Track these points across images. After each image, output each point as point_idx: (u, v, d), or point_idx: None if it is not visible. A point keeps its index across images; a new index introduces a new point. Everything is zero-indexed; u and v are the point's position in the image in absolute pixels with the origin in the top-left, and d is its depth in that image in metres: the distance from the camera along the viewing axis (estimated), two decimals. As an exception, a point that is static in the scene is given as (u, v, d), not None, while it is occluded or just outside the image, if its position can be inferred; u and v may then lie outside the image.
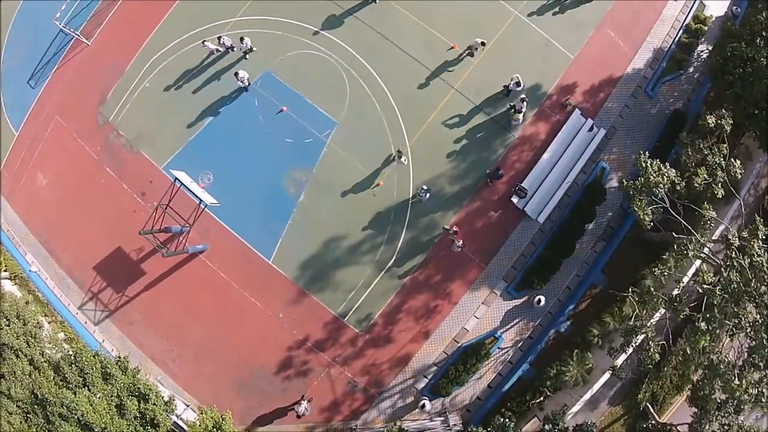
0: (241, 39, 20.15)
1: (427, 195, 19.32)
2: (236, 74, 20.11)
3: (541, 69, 20.99)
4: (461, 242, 19.08)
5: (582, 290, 20.30)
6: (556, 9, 21.78)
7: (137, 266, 21.02)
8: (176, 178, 17.60)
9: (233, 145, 20.50)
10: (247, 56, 20.74)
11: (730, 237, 15.94)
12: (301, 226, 19.89)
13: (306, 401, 19.38)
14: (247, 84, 20.27)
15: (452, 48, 20.84)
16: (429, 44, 20.83)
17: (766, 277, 15.26)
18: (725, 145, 17.52)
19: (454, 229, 19.33)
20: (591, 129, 20.55)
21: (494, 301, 20.04)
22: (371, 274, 19.75)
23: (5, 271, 22.66)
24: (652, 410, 20.88)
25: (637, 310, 18.14)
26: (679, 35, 22.64)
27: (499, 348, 20.07)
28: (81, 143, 22.07)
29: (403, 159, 19.54)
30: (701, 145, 17.48)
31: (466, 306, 19.95)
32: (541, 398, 19.44)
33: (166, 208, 18.31)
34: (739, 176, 17.36)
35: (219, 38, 20.27)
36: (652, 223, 16.97)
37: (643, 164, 16.40)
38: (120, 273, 21.19)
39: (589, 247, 20.58)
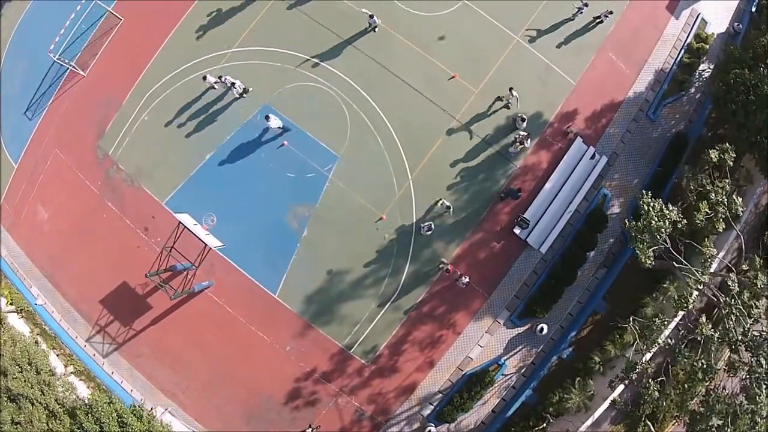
0: (233, 84, 19.93)
1: (430, 231, 19.40)
2: (267, 118, 19.81)
3: (543, 96, 20.85)
4: (467, 278, 19.27)
5: (584, 317, 20.62)
6: (557, 32, 21.53)
7: (143, 301, 21.17)
8: (180, 222, 17.62)
9: (235, 181, 20.43)
10: (245, 95, 20.48)
11: (729, 283, 16.10)
12: (306, 260, 20.01)
13: (312, 430, 19.85)
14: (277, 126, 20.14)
15: (453, 77, 20.64)
16: (429, 74, 20.61)
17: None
18: (728, 180, 17.60)
19: (448, 266, 19.48)
20: (593, 157, 20.55)
21: (498, 329, 20.35)
22: (376, 307, 19.98)
23: (11, 304, 22.83)
24: (652, 429, 21.50)
25: (638, 341, 18.62)
26: (680, 55, 22.49)
27: (502, 374, 20.48)
28: (81, 177, 21.96)
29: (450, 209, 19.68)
30: (703, 181, 17.56)
31: (470, 335, 20.26)
32: (544, 424, 19.93)
33: (171, 251, 18.38)
34: (741, 214, 17.46)
35: (221, 77, 20.00)
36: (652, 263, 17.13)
37: (646, 207, 16.49)
38: (126, 307, 21.35)
39: (591, 273, 20.82)
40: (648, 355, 18.18)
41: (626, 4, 22.36)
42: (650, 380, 17.08)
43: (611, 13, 21.26)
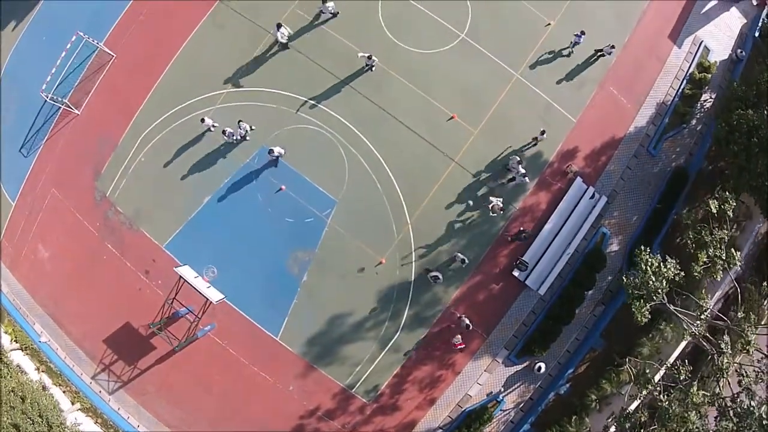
0: (238, 125, 19.70)
1: (438, 281, 19.48)
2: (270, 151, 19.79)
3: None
4: (468, 321, 19.47)
5: (581, 354, 20.95)
6: (558, 68, 21.18)
7: (146, 341, 21.42)
8: (181, 276, 17.71)
9: (234, 225, 20.40)
10: (247, 137, 20.26)
11: (722, 346, 16.24)
12: (306, 304, 20.18)
13: (318, 465, 20.45)
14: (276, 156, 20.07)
15: (452, 118, 20.40)
16: (428, 115, 20.36)
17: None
18: (726, 231, 17.60)
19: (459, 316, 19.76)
20: (592, 197, 20.50)
21: (496, 368, 20.71)
22: (376, 348, 20.25)
23: (15, 342, 23.11)
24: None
25: (633, 377, 19.02)
26: (682, 86, 22.20)
27: (501, 410, 20.95)
28: (79, 218, 21.90)
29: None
30: (702, 233, 17.57)
31: (469, 374, 20.62)
32: (542, 460, 20.53)
33: (172, 302, 18.53)
34: (739, 268, 17.54)
35: (224, 131, 19.82)
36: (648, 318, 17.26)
37: (643, 265, 16.54)
38: (130, 347, 21.62)
39: (589, 311, 21.07)
40: (636, 402, 18.52)
41: (628, 36, 21.98)
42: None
43: (614, 47, 20.86)
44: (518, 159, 19.64)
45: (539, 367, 20.36)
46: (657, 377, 19.15)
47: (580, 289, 20.36)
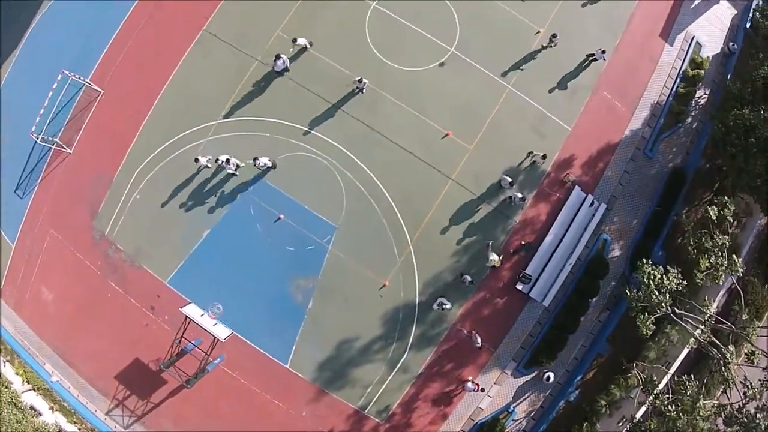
0: (227, 160, 19.56)
1: (446, 307, 19.55)
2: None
3: (539, 147, 20.48)
4: (480, 339, 19.58)
5: (588, 361, 21.13)
6: (550, 76, 21.02)
7: (158, 375, 21.50)
8: (187, 316, 17.77)
9: (235, 257, 20.39)
10: (237, 172, 20.14)
11: (727, 355, 16.36)
12: (313, 331, 20.26)
13: (336, 486, 20.74)
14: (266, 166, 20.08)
15: (446, 135, 20.27)
16: (422, 134, 20.24)
17: None
18: (727, 237, 17.61)
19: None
20: (591, 204, 20.47)
21: (506, 380, 20.89)
22: (386, 369, 20.40)
23: (27, 383, 23.23)
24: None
25: (641, 383, 19.22)
26: (676, 85, 22.05)
27: (513, 420, 21.19)
28: (80, 257, 21.86)
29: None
30: (702, 239, 17.59)
31: (479, 388, 20.83)
32: (556, 467, 20.83)
33: (180, 341, 18.61)
34: (741, 274, 17.59)
35: (217, 160, 19.71)
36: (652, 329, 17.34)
37: (646, 280, 16.55)
38: (142, 382, 21.72)
39: (594, 317, 21.18)
40: (643, 408, 18.74)
41: (619, 39, 21.76)
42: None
43: (605, 51, 20.66)
44: (509, 180, 19.53)
45: (548, 377, 20.54)
46: (663, 381, 19.38)
47: (584, 298, 20.45)
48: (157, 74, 21.49)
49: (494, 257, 19.35)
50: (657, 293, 16.35)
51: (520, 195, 19.50)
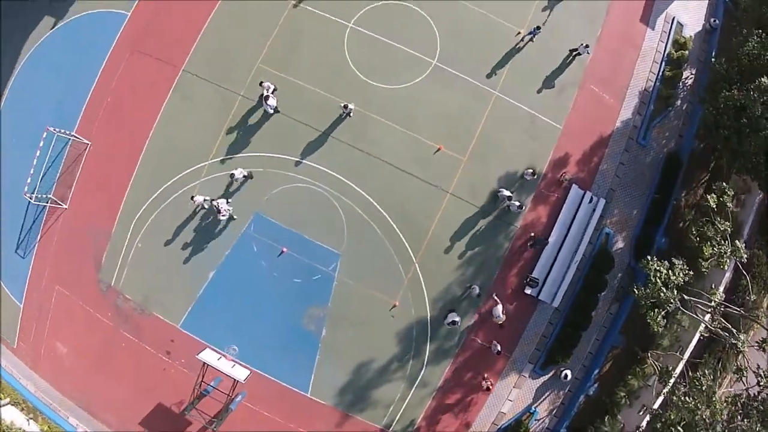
0: (218, 210, 19.58)
1: (457, 324, 19.65)
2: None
3: (532, 149, 20.53)
4: (499, 347, 19.75)
5: (603, 354, 21.34)
6: (536, 76, 20.90)
7: (182, 417, 21.62)
8: (204, 362, 17.91)
9: (243, 294, 20.45)
10: (234, 216, 20.11)
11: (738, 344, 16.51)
12: (330, 358, 20.42)
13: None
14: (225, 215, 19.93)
15: (438, 149, 20.21)
16: (414, 151, 20.18)
17: None
18: (729, 223, 17.66)
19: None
20: (591, 201, 20.51)
21: (524, 383, 21.14)
22: (406, 386, 20.61)
23: (54, 438, 23.48)
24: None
25: (657, 371, 19.46)
26: (662, 69, 21.94)
27: (536, 420, 21.48)
28: (90, 310, 21.92)
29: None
30: (705, 228, 17.65)
31: (499, 393, 21.04)
32: (582, 461, 21.16)
33: (200, 387, 18.77)
34: (745, 260, 17.68)
35: (214, 203, 19.64)
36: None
37: (653, 277, 16.61)
38: (167, 425, 21.86)
39: (605, 310, 21.36)
40: (660, 399, 18.99)
41: (599, 30, 21.60)
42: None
43: (588, 46, 20.51)
44: (507, 194, 19.53)
45: (565, 375, 20.78)
46: (679, 368, 19.62)
47: (592, 294, 20.58)
48: (141, 120, 21.33)
49: (499, 312, 19.56)
50: (665, 290, 16.46)
51: (517, 203, 19.51)
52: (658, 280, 16.51)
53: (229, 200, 20.06)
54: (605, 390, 21.36)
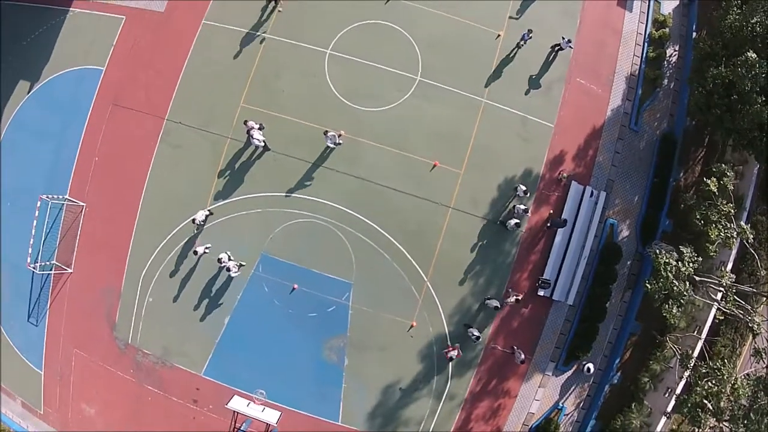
0: (219, 260, 19.55)
1: (478, 340, 19.76)
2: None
3: (527, 152, 20.45)
4: (523, 356, 19.93)
5: (623, 342, 21.56)
6: (521, 78, 20.73)
7: (218, 461, 22.08)
8: (234, 410, 18.08)
9: (262, 335, 20.53)
10: (242, 262, 20.12)
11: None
12: (356, 385, 20.59)
13: None
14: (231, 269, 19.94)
15: (434, 166, 20.13)
16: (410, 171, 20.07)
17: None
18: (732, 205, 17.70)
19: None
20: (591, 195, 20.53)
21: (549, 381, 21.39)
22: (433, 402, 20.83)
23: (96, 496, 23.72)
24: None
25: (677, 353, 19.75)
26: (645, 51, 21.79)
27: (564, 415, 21.80)
28: (111, 369, 22.00)
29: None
30: (708, 212, 17.70)
31: (525, 395, 21.32)
32: (613, 449, 21.52)
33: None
34: (751, 239, 17.76)
35: (220, 260, 19.58)
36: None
37: (663, 271, 16.67)
38: (205, 470, 22.30)
39: (618, 299, 21.53)
40: (682, 383, 19.29)
41: (578, 21, 21.38)
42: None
43: (570, 40, 20.31)
44: (524, 208, 19.40)
45: (588, 368, 21.02)
46: (698, 348, 19.87)
47: (604, 286, 20.71)
48: (133, 174, 21.16)
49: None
50: (676, 282, 16.59)
51: (523, 207, 19.49)
52: (669, 274, 16.61)
53: (230, 253, 19.96)
54: (629, 377, 21.67)
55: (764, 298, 17.97)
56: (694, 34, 22.40)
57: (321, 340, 20.43)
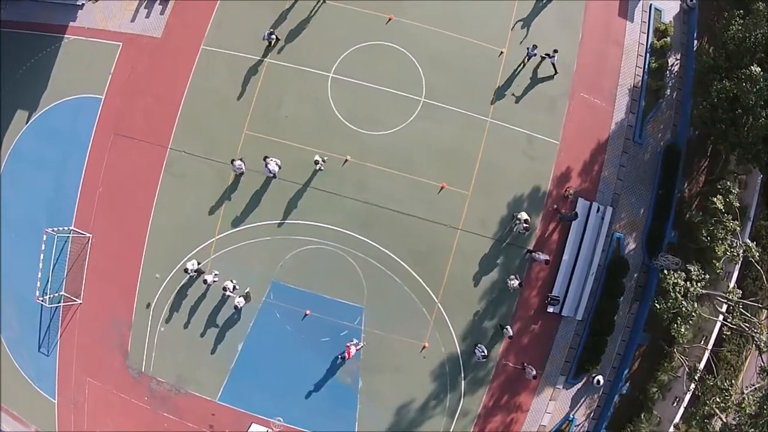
0: (224, 288, 19.63)
1: (485, 359, 19.94)
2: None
3: (533, 170, 20.48)
4: (534, 371, 20.17)
5: (631, 353, 21.84)
6: (525, 96, 20.66)
7: (237, 483, 22.36)
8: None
9: (275, 361, 20.65)
10: (251, 294, 20.14)
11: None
12: (371, 406, 20.80)
13: None
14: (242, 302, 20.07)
15: (442, 188, 20.13)
16: (417, 194, 20.09)
17: None
18: (737, 223, 17.86)
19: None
20: (598, 210, 20.63)
21: (559, 395, 21.70)
22: (447, 420, 21.09)
23: None
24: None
25: (685, 365, 20.11)
26: (647, 62, 21.75)
27: (575, 426, 22.18)
28: (126, 398, 22.10)
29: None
30: (715, 230, 17.85)
31: (537, 408, 21.62)
32: (624, 457, 21.97)
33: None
34: (757, 256, 17.95)
35: (225, 288, 19.59)
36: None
37: (672, 293, 16.84)
38: (223, 492, 22.59)
39: (626, 311, 21.77)
40: (689, 394, 19.66)
41: (580, 33, 21.27)
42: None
43: (556, 51, 20.04)
44: (526, 218, 19.40)
45: (597, 381, 21.33)
46: (704, 359, 20.21)
47: (612, 300, 20.90)
48: (139, 204, 21.08)
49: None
50: (685, 303, 16.81)
51: (525, 221, 19.58)
52: (678, 295, 16.82)
53: (236, 282, 20.02)
54: (637, 387, 22.01)
55: (766, 311, 18.24)
56: (696, 42, 22.38)
57: (335, 364, 20.59)
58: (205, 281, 19.85)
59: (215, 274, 20.30)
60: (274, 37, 20.26)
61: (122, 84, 21.69)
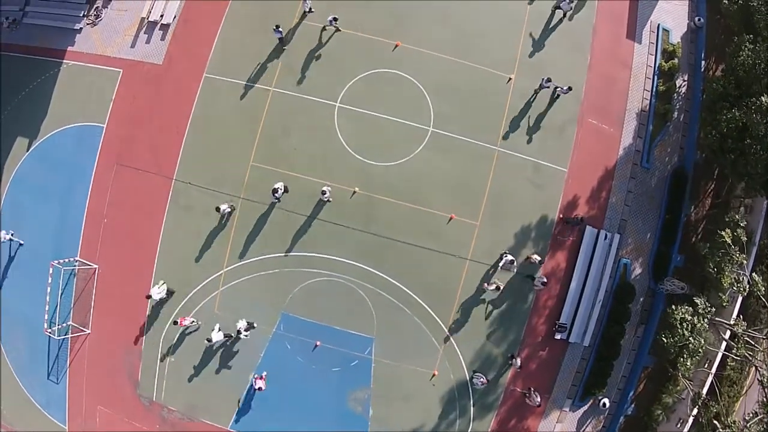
0: (238, 331, 19.63)
1: (484, 385, 20.14)
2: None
3: (541, 199, 20.44)
4: (539, 398, 20.44)
5: (636, 375, 22.16)
6: (533, 123, 20.51)
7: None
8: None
9: (286, 390, 20.77)
10: (255, 325, 20.18)
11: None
12: (382, 432, 21.16)
13: None
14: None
15: (451, 219, 20.08)
16: (426, 225, 20.02)
17: None
18: (745, 256, 17.98)
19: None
20: (605, 238, 20.69)
21: (566, 417, 22.05)
22: (457, 444, 21.52)
23: None
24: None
25: (689, 388, 20.47)
26: (655, 84, 21.60)
27: (581, 445, 22.67)
28: (137, 425, 22.24)
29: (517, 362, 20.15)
30: (721, 264, 17.96)
31: (544, 431, 22.02)
32: (630, 477, 22.48)
33: (266, 491, 19.50)
34: (763, 291, 18.11)
35: (231, 335, 19.71)
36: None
37: (680, 328, 17.00)
38: None
39: (632, 335, 22.01)
40: (691, 419, 20.08)
41: (588, 55, 21.04)
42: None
43: (570, 88, 19.91)
44: (511, 258, 19.58)
45: (604, 403, 21.66)
46: (708, 383, 20.54)
47: (618, 325, 21.09)
48: (145, 236, 20.93)
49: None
50: (692, 339, 17.02)
51: (510, 262, 19.71)
52: (685, 331, 17.02)
53: (244, 320, 20.00)
54: (642, 408, 22.38)
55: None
56: (703, 62, 22.23)
57: (345, 393, 20.75)
58: (209, 340, 19.63)
59: (219, 328, 20.03)
60: (281, 31, 19.83)
61: (124, 112, 21.33)
